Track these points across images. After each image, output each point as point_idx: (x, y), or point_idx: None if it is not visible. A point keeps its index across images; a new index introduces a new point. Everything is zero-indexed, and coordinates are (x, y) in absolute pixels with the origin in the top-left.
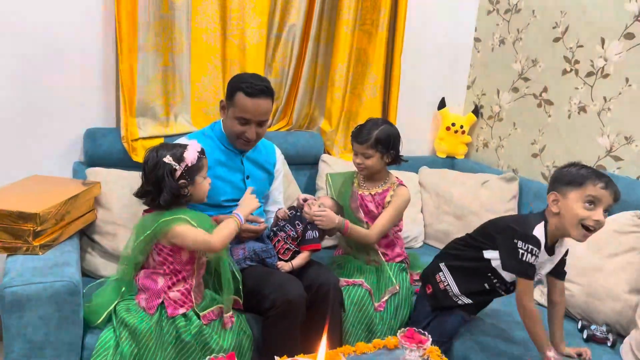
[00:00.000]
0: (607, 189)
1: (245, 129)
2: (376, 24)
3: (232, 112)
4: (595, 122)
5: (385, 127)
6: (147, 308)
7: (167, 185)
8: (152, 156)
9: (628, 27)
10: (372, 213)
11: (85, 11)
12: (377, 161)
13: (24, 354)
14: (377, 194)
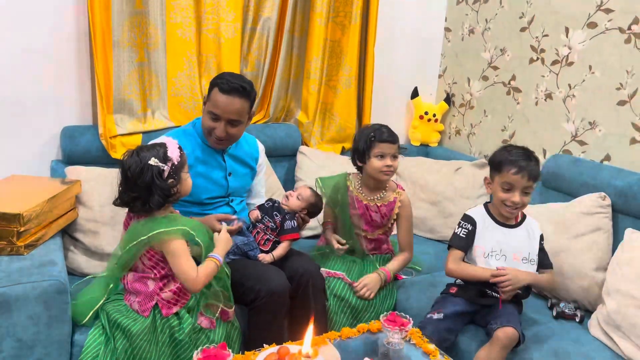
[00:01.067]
0: (519, 174)
1: (215, 125)
2: (349, 16)
3: (207, 107)
4: (561, 109)
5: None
6: (141, 311)
7: (157, 187)
8: (134, 161)
9: (591, 16)
10: (376, 223)
11: (57, 7)
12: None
13: (14, 354)
14: (384, 205)
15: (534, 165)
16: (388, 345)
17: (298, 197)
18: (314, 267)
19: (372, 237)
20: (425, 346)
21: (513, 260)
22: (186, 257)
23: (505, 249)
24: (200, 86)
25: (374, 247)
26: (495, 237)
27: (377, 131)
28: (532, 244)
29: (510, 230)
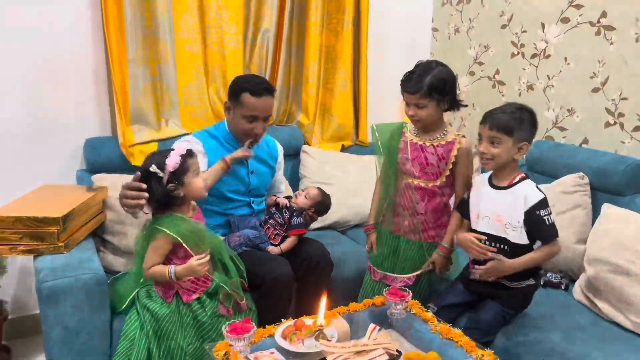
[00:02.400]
0: (482, 123)
1: (253, 125)
2: (342, 23)
3: (240, 112)
4: (541, 98)
5: (439, 70)
6: (165, 297)
7: (156, 191)
8: (142, 167)
9: (564, 12)
10: (432, 167)
11: (77, 30)
12: (433, 111)
13: (61, 340)
14: (441, 146)
15: (500, 114)
16: (391, 315)
17: (306, 196)
18: (324, 253)
19: (426, 186)
20: (424, 315)
21: (496, 222)
22: (153, 252)
23: (489, 210)
24: (208, 95)
25: (429, 204)
26: (483, 197)
27: (405, 76)
28: (516, 211)
29: (497, 192)
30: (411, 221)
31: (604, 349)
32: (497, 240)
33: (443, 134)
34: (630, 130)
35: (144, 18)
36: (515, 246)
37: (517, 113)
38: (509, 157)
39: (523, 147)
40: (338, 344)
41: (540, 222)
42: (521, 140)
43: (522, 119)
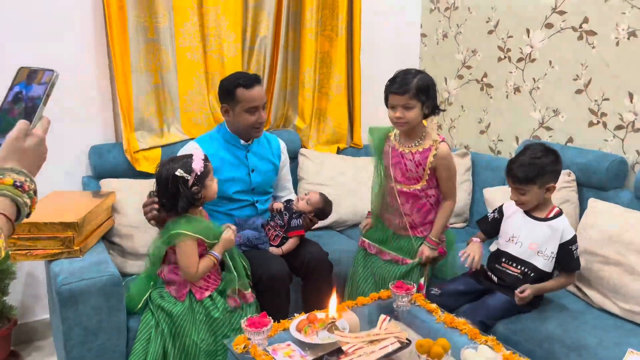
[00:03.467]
0: (507, 176)
1: (256, 116)
2: (335, 29)
3: (240, 108)
4: (528, 100)
5: (422, 75)
6: (178, 297)
7: (182, 194)
8: (164, 171)
9: (547, 18)
10: (411, 172)
11: (81, 40)
12: (418, 113)
13: (81, 340)
14: (418, 152)
15: (519, 168)
16: (397, 307)
17: (307, 202)
18: (322, 255)
19: (408, 190)
20: (428, 306)
21: (528, 249)
22: (190, 255)
23: (523, 237)
24: (209, 101)
25: (413, 207)
26: (519, 224)
27: (389, 82)
28: (552, 242)
29: (535, 222)
30: (400, 220)
31: (598, 335)
32: (523, 264)
33: (420, 141)
34: (612, 129)
35: (146, 28)
36: (540, 272)
37: (537, 162)
38: (539, 200)
39: (550, 188)
40: (351, 334)
41: (570, 255)
42: (546, 184)
43: (542, 166)
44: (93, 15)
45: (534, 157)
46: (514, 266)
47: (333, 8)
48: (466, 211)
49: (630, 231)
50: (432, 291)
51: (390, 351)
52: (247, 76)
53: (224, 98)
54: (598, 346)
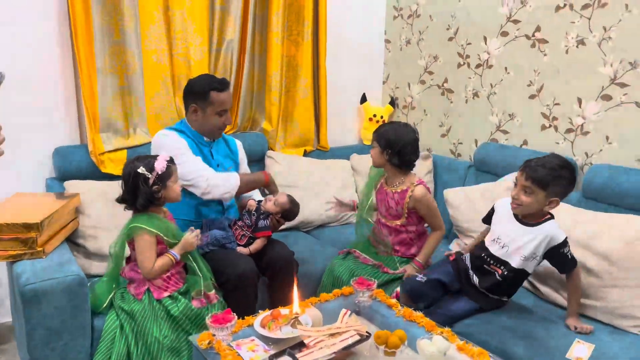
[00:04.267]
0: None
1: (224, 118)
2: (302, 34)
3: (212, 110)
4: (486, 105)
5: (393, 127)
6: (136, 294)
7: (142, 191)
8: (128, 168)
9: (503, 27)
10: (392, 210)
11: (44, 40)
12: (377, 154)
13: (44, 340)
14: (397, 193)
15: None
16: (359, 303)
17: (274, 203)
18: (288, 254)
19: (390, 224)
20: (388, 301)
21: (512, 254)
22: (148, 251)
23: (509, 241)
24: (175, 104)
25: (395, 239)
26: (507, 227)
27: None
28: (538, 248)
29: (523, 227)
30: (383, 249)
31: (547, 326)
32: (502, 264)
33: (399, 184)
34: (563, 132)
35: (112, 30)
36: (516, 272)
37: (557, 170)
38: (539, 208)
39: (553, 202)
40: (313, 328)
41: (564, 257)
42: (553, 196)
43: (560, 176)
44: (57, 16)
45: (559, 165)
46: (495, 265)
47: (299, 13)
48: None
49: (577, 228)
50: (418, 277)
51: (350, 343)
52: (219, 80)
53: (194, 99)
54: (547, 336)
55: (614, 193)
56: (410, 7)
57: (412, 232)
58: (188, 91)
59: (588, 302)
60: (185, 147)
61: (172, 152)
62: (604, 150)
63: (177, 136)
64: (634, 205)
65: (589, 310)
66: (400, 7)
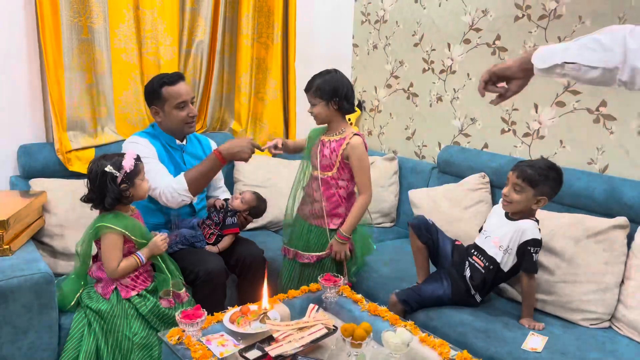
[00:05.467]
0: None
1: (186, 111)
2: (271, 37)
3: (169, 106)
4: (449, 109)
5: (329, 77)
6: (103, 294)
7: (110, 190)
8: (95, 167)
9: (465, 34)
10: (326, 159)
11: (9, 35)
12: (322, 109)
13: (10, 339)
14: (334, 141)
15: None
16: (326, 299)
17: (242, 200)
18: (257, 252)
19: (322, 176)
20: (354, 297)
21: (492, 243)
22: (113, 250)
23: (491, 231)
24: (144, 103)
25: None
26: (493, 221)
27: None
28: (514, 241)
29: (505, 220)
30: (312, 208)
31: (505, 320)
32: (485, 258)
33: (339, 132)
34: (521, 136)
35: (80, 27)
36: (497, 270)
37: (545, 170)
38: (527, 206)
39: (541, 201)
40: (282, 322)
41: (528, 256)
42: (541, 194)
43: (547, 176)
44: (24, 12)
45: (547, 167)
46: (480, 259)
47: (269, 16)
48: (393, 212)
49: None
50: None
51: (318, 337)
52: (169, 75)
53: (151, 100)
54: (504, 329)
55: (567, 194)
56: (378, 12)
57: (342, 187)
58: (145, 95)
59: (542, 296)
60: (153, 156)
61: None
62: (558, 153)
63: (147, 142)
64: (585, 206)
65: (542, 305)
66: (367, 12)
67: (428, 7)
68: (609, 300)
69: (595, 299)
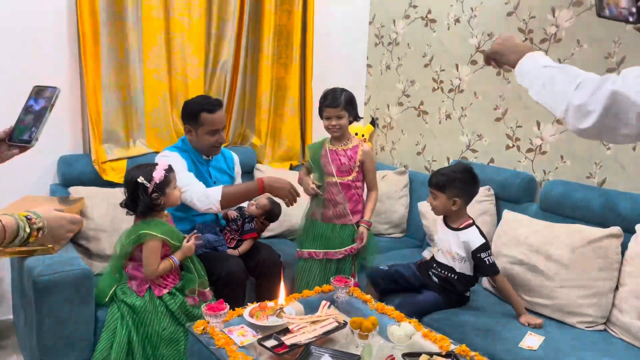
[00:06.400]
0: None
1: (216, 137)
2: (290, 58)
3: (203, 130)
4: (457, 126)
5: (346, 92)
6: (138, 291)
7: (142, 200)
8: (129, 177)
9: (472, 56)
10: (345, 166)
11: (54, 58)
12: (347, 121)
13: (53, 328)
14: (349, 149)
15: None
16: (337, 298)
17: (256, 206)
18: (274, 256)
19: (342, 181)
20: (363, 297)
21: (446, 255)
22: (154, 254)
23: (444, 246)
24: (172, 118)
25: (346, 194)
26: (441, 236)
27: (322, 98)
28: (461, 249)
29: (450, 232)
30: (335, 209)
31: (504, 321)
32: (447, 269)
33: (348, 141)
34: (524, 151)
35: (118, 49)
36: (460, 275)
37: (451, 175)
38: (446, 209)
39: (456, 202)
40: (296, 316)
41: (482, 262)
42: (454, 196)
43: (455, 179)
44: (68, 37)
45: (452, 171)
46: (441, 272)
47: (288, 38)
48: (404, 222)
49: (534, 236)
50: (381, 266)
51: (329, 329)
52: (210, 101)
53: (187, 119)
54: (503, 329)
55: (567, 206)
56: (390, 35)
57: (359, 188)
58: (183, 112)
59: (541, 300)
60: (183, 168)
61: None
62: (559, 168)
63: (177, 156)
64: (584, 217)
65: (541, 308)
66: (381, 35)
67: (438, 30)
68: (604, 305)
69: (591, 303)
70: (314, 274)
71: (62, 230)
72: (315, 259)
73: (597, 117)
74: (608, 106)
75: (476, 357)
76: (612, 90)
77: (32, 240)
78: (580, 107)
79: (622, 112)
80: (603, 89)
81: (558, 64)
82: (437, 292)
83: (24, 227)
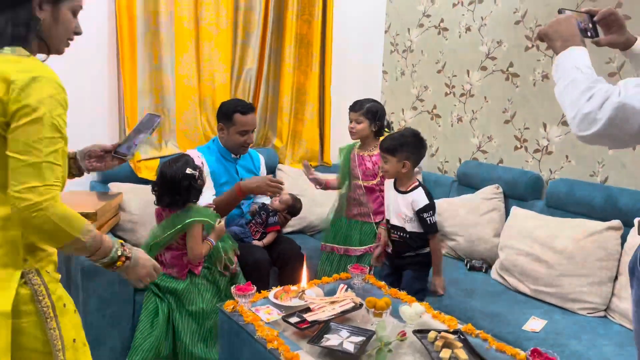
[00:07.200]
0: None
1: (246, 137)
2: (310, 65)
3: (234, 129)
4: (468, 128)
5: (374, 103)
6: (180, 276)
7: (194, 189)
8: (170, 172)
9: (482, 62)
10: (369, 170)
11: (94, 65)
12: (366, 127)
13: (97, 307)
14: (374, 155)
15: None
16: (354, 285)
17: (280, 201)
18: (296, 248)
19: (367, 184)
20: (378, 283)
21: (398, 216)
22: (199, 238)
23: (393, 208)
24: (201, 121)
25: (370, 197)
26: (393, 200)
27: (351, 106)
28: (409, 209)
29: (398, 194)
30: (359, 209)
31: (509, 307)
32: (399, 230)
33: (374, 148)
34: (531, 152)
35: (152, 57)
36: (411, 233)
37: (400, 138)
38: (397, 172)
39: (405, 164)
40: (317, 298)
41: (424, 221)
42: (403, 159)
43: (403, 142)
44: (108, 44)
45: (401, 135)
46: (395, 233)
47: (308, 47)
48: None
49: (539, 230)
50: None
51: (347, 309)
52: (244, 104)
53: (221, 118)
54: (508, 314)
55: (571, 202)
56: (405, 43)
57: (382, 191)
58: (218, 111)
59: (545, 289)
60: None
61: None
62: (564, 167)
63: (197, 154)
64: (587, 212)
65: (545, 296)
66: (396, 43)
67: (450, 38)
68: (604, 293)
69: (592, 291)
70: (334, 267)
71: (144, 270)
72: (336, 254)
73: (602, 125)
74: (613, 116)
75: (481, 334)
76: (619, 102)
77: (118, 264)
78: (587, 115)
79: (626, 121)
80: (610, 100)
81: (588, 67)
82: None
83: (116, 250)
